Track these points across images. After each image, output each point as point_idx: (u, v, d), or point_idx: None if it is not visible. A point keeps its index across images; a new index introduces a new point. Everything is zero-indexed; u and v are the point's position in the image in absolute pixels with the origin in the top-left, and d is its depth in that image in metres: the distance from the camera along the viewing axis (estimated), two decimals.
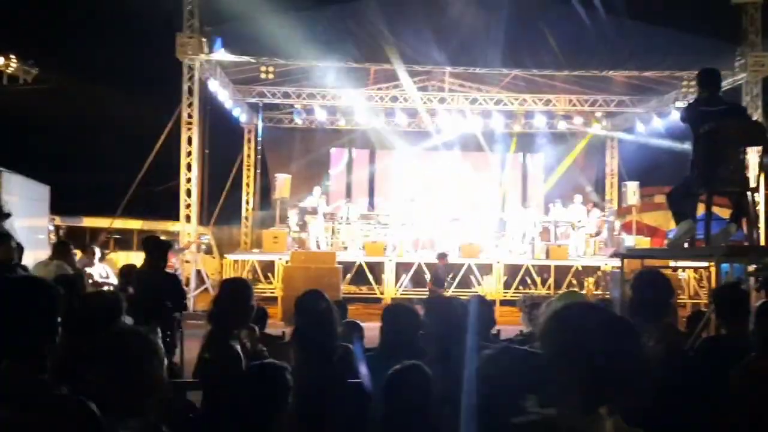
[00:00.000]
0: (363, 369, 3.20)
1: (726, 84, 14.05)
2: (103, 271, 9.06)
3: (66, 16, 19.98)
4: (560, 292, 13.51)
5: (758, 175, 5.87)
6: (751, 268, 5.92)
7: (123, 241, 17.41)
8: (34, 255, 11.91)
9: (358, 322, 4.62)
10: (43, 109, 18.62)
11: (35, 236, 13.56)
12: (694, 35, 13.52)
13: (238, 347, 3.38)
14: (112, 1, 19.41)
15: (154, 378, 2.12)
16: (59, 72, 18.98)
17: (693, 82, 13.29)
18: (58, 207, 17.00)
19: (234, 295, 3.56)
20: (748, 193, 5.35)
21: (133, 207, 16.20)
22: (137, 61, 19.36)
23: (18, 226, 11.93)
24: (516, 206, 17.40)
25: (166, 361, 2.25)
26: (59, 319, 2.07)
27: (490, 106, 17.52)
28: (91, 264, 8.98)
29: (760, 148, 5.47)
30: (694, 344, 3.82)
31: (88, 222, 17.68)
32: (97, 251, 9.64)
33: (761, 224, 12.73)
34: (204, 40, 12.94)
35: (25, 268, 5.76)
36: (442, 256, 13.06)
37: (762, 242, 9.83)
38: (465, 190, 18.90)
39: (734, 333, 3.50)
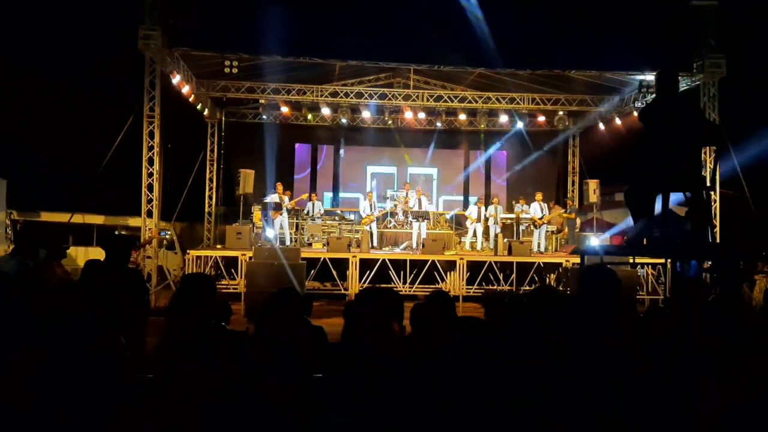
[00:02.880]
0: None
1: (684, 85, 14.38)
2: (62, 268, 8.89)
3: (22, 7, 19.48)
4: (523, 288, 13.73)
5: (713, 175, 6.06)
6: (707, 264, 6.10)
7: (82, 236, 17.06)
8: None
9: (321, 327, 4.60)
10: None
11: None
12: (653, 37, 13.78)
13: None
14: None
15: (117, 372, 2.12)
16: (16, 64, 18.56)
17: (652, 83, 13.62)
18: (15, 201, 16.64)
19: (195, 291, 3.49)
20: (704, 192, 5.50)
21: (93, 201, 15.92)
22: (98, 53, 18.97)
23: None
24: (479, 202, 17.53)
25: (127, 356, 2.24)
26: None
27: (454, 103, 17.63)
28: (56, 260, 8.81)
29: (715, 148, 5.64)
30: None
31: (47, 217, 17.29)
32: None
33: (716, 222, 13.07)
34: (166, 33, 12.74)
35: None
36: None
37: (717, 240, 10.09)
38: (429, 187, 19.02)
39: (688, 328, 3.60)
